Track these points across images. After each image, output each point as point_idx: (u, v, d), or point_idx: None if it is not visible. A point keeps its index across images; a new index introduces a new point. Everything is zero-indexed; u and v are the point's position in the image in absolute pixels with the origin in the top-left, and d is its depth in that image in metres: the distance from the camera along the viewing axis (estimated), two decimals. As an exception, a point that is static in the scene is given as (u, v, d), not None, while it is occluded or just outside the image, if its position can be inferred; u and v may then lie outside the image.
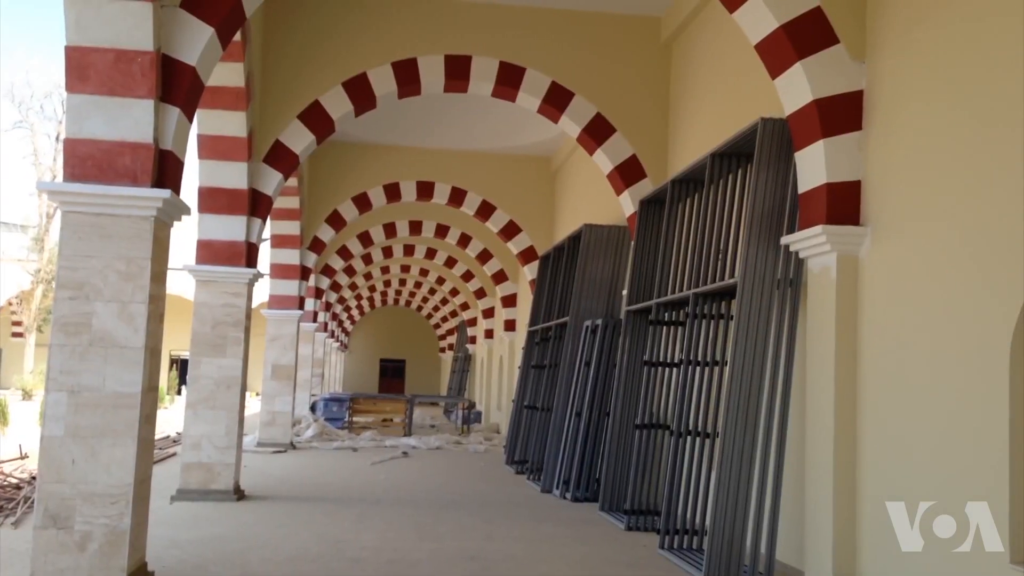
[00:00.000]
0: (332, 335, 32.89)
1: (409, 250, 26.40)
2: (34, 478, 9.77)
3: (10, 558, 6.80)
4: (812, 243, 6.36)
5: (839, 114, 6.29)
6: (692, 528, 7.58)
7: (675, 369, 8.69)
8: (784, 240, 6.77)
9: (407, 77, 10.71)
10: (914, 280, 5.59)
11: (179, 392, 33.12)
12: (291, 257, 16.49)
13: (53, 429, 5.64)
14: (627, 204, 10.91)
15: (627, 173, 10.87)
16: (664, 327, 9.23)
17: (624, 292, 10.73)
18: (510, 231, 17.92)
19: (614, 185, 11.13)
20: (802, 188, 6.56)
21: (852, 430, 6.04)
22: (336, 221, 17.48)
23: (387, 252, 26.51)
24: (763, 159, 7.09)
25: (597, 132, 10.92)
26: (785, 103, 6.65)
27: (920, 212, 5.58)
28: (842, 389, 6.09)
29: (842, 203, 6.23)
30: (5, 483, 9.78)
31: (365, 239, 22.04)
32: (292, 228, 16.28)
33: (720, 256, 7.87)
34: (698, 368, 7.83)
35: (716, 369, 7.65)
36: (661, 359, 9.22)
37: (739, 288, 6.95)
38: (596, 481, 10.68)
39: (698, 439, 7.61)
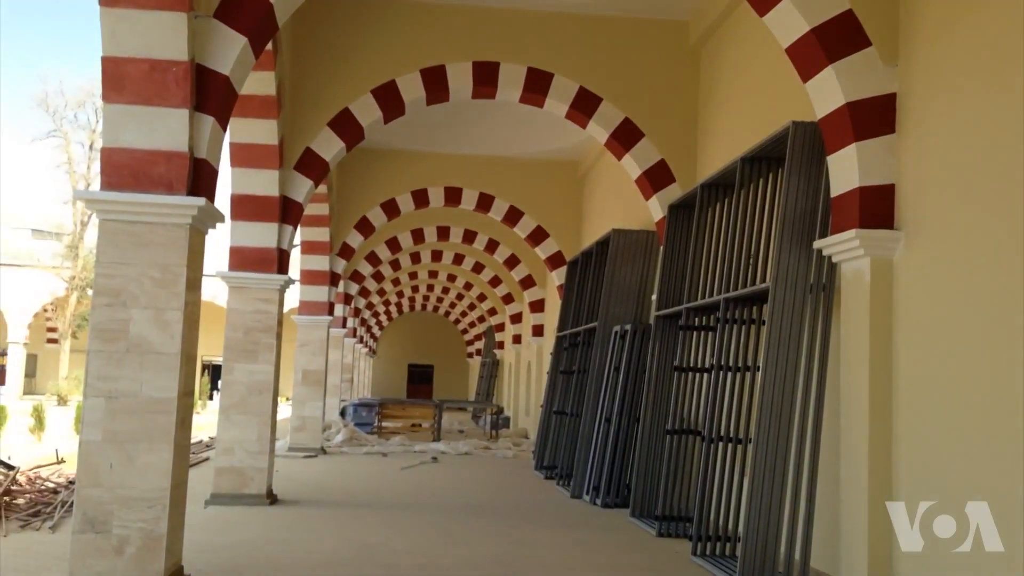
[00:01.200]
0: (361, 340, 33.05)
1: (437, 256, 26.48)
2: (71, 482, 9.91)
3: (48, 562, 6.90)
4: (845, 247, 6.31)
5: (872, 117, 6.23)
6: (725, 534, 7.54)
7: (706, 374, 8.65)
8: (817, 244, 6.73)
9: (435, 84, 10.76)
10: (949, 284, 5.54)
11: (211, 397, 33.40)
12: (321, 263, 16.61)
13: (91, 434, 5.71)
14: (655, 209, 10.88)
15: (655, 178, 10.84)
16: (694, 332, 9.19)
17: (653, 297, 10.70)
18: (537, 236, 17.93)
19: (642, 190, 11.11)
20: (835, 192, 6.51)
21: (887, 435, 5.98)
22: (365, 227, 17.59)
23: (415, 258, 26.61)
24: (795, 163, 7.05)
25: (625, 137, 10.91)
26: (816, 106, 6.61)
27: (955, 215, 5.52)
28: (876, 394, 6.03)
29: (875, 207, 6.18)
30: (43, 488, 9.92)
31: (393, 245, 22.15)
32: (322, 234, 16.40)
33: (751, 261, 7.83)
34: (729, 373, 7.79)
35: (748, 374, 7.61)
36: (691, 364, 9.18)
37: (771, 293, 6.91)
38: (626, 487, 10.65)
39: (730, 445, 7.57)
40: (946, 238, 5.61)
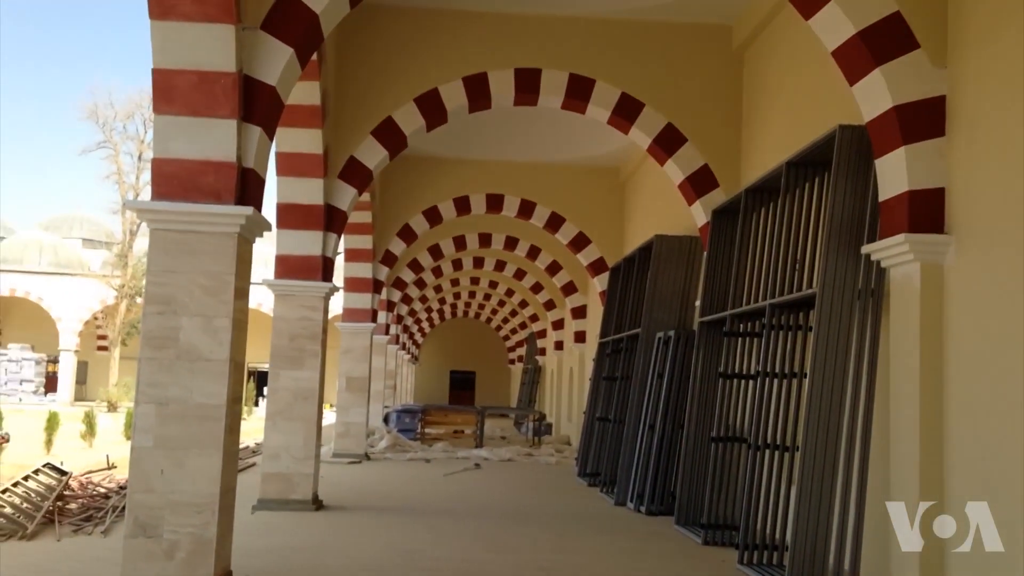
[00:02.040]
0: (403, 347, 33.23)
1: (478, 262, 26.54)
2: (121, 488, 10.10)
3: (100, 567, 7.01)
4: (894, 252, 6.22)
5: (920, 120, 6.14)
6: (772, 543, 7.44)
7: (751, 381, 8.56)
8: (865, 249, 6.64)
9: (478, 92, 10.81)
10: (1002, 289, 5.42)
11: (256, 404, 33.80)
12: (364, 271, 16.75)
13: (142, 440, 5.81)
14: (699, 214, 10.81)
15: (699, 183, 10.77)
16: (739, 338, 9.11)
17: (697, 303, 10.63)
18: (579, 243, 17.89)
19: (685, 195, 11.05)
20: (883, 196, 6.42)
21: (938, 443, 5.87)
22: (407, 235, 17.70)
23: (457, 265, 26.71)
24: (842, 167, 6.97)
25: (668, 142, 10.85)
26: (864, 110, 6.53)
27: (1008, 219, 5.41)
28: (927, 401, 5.93)
29: (925, 211, 6.08)
30: (94, 493, 10.11)
31: (435, 252, 22.25)
32: (365, 242, 16.55)
33: (798, 266, 7.74)
34: (775, 380, 7.70)
35: (794, 381, 7.52)
36: (737, 371, 9.09)
37: (818, 298, 6.83)
38: (671, 494, 10.56)
39: (777, 452, 7.48)
40: (998, 242, 5.50)
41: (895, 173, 6.24)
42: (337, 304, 16.35)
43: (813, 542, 6.60)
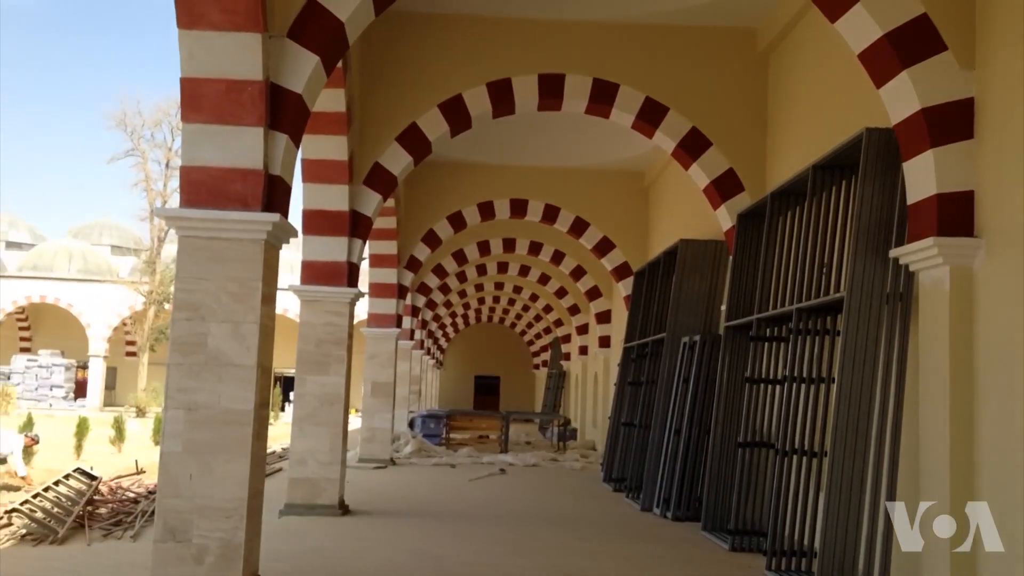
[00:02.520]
0: (428, 352, 33.32)
1: (503, 267, 26.58)
2: (151, 492, 10.19)
3: (130, 571, 7.09)
4: (923, 255, 6.16)
5: (948, 123, 6.08)
6: (800, 549, 7.38)
7: (778, 386, 8.50)
8: (893, 253, 6.58)
9: (501, 97, 10.83)
10: (1034, 293, 5.36)
11: (283, 409, 33.98)
12: (389, 276, 16.81)
13: (171, 445, 5.86)
14: (724, 218, 10.76)
15: (724, 187, 10.73)
16: (766, 343, 9.06)
17: (723, 307, 10.57)
18: (604, 247, 17.87)
19: (710, 199, 11.01)
20: (911, 199, 6.37)
21: (969, 448, 5.80)
22: (432, 240, 17.75)
23: (481, 270, 26.75)
24: (869, 170, 6.92)
25: (692, 146, 10.82)
26: (891, 112, 6.48)
27: (1040, 222, 5.35)
28: (957, 406, 5.86)
29: (954, 214, 6.02)
30: (124, 497, 10.21)
31: (460, 257, 22.30)
32: (389, 248, 16.62)
33: (825, 270, 7.69)
34: (803, 385, 7.65)
35: (822, 386, 7.46)
36: (763, 376, 9.04)
37: (846, 302, 6.78)
38: (697, 500, 10.51)
39: (804, 458, 7.42)
40: (1030, 245, 5.43)
41: (923, 176, 6.19)
42: (362, 309, 16.44)
43: (842, 548, 6.54)
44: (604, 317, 21.66)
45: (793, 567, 7.42)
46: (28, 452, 12.72)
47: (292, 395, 10.34)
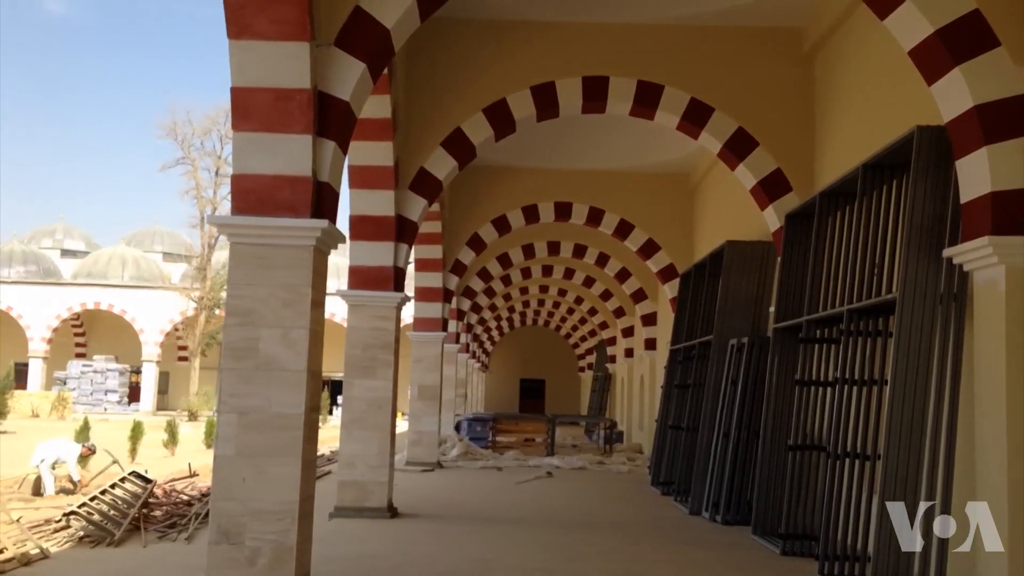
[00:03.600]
0: (473, 356, 33.42)
1: (547, 271, 26.57)
2: (203, 495, 10.36)
3: (185, 573, 7.20)
4: (977, 255, 6.04)
5: (1003, 120, 5.96)
6: (853, 554, 7.27)
7: (829, 388, 8.39)
8: (947, 252, 6.46)
9: (545, 101, 10.85)
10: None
11: (331, 412, 34.30)
12: (434, 280, 16.90)
13: (224, 449, 5.95)
14: (771, 219, 10.65)
15: (771, 187, 10.62)
16: (816, 345, 8.94)
17: (771, 309, 10.46)
18: (649, 249, 17.77)
19: (757, 200, 10.89)
20: (964, 198, 6.25)
21: (1028, 452, 5.67)
22: (476, 244, 17.81)
23: (526, 273, 26.77)
24: (920, 169, 6.81)
25: (739, 147, 10.73)
26: (943, 110, 6.36)
27: (1100, 219, 5.22)
28: (1014, 408, 5.73)
29: (1009, 212, 5.89)
30: (178, 500, 10.39)
31: (504, 261, 22.34)
32: (435, 252, 16.70)
33: (876, 271, 7.58)
34: (855, 387, 7.54)
35: (875, 388, 7.35)
36: (814, 378, 8.93)
37: (899, 303, 6.67)
38: (747, 503, 10.41)
39: (857, 461, 7.31)
40: (1090, 243, 5.30)
41: (977, 174, 6.07)
42: (408, 314, 16.56)
43: (896, 553, 6.43)
44: (650, 319, 21.55)
45: (846, 572, 7.31)
46: (84, 460, 12.99)
47: (340, 399, 10.43)
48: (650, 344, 21.47)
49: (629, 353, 25.33)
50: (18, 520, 8.70)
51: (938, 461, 6.34)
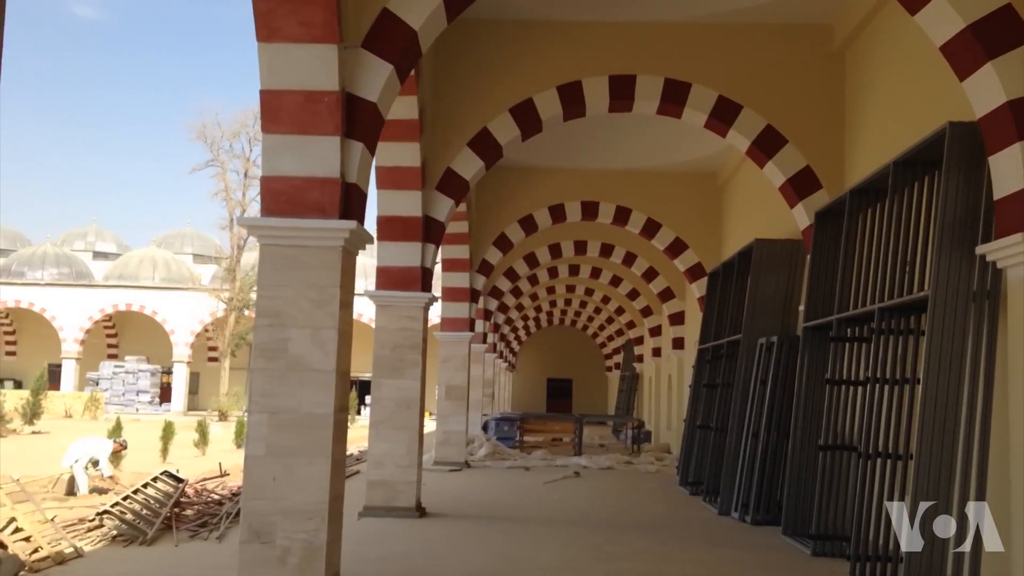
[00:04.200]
0: (500, 355, 33.43)
1: (574, 270, 26.51)
2: (234, 494, 10.45)
3: (217, 572, 7.27)
4: (1011, 252, 5.95)
5: (1037, 114, 5.87)
6: (885, 555, 7.20)
7: (860, 387, 8.32)
8: (980, 249, 6.38)
9: (572, 100, 10.82)
10: None
11: (359, 412, 34.46)
12: (461, 280, 16.93)
13: (255, 448, 6.00)
14: (801, 217, 10.56)
15: (800, 185, 10.53)
16: (846, 343, 8.86)
17: (800, 308, 10.38)
18: (676, 248, 17.67)
19: (786, 198, 10.81)
20: (998, 194, 6.16)
21: (1065, 452, 5.59)
22: (503, 244, 17.80)
23: (553, 272, 26.73)
24: (952, 165, 6.73)
25: (767, 144, 10.65)
26: (975, 105, 6.28)
27: None
28: (1051, 408, 5.65)
29: (1044, 208, 5.80)
30: (209, 499, 10.49)
31: (531, 260, 22.32)
32: (462, 252, 16.73)
33: (908, 268, 7.50)
34: (886, 386, 7.46)
35: (906, 387, 7.27)
36: (844, 377, 8.85)
37: (931, 301, 6.59)
38: (777, 504, 10.33)
39: (889, 461, 7.24)
40: None
41: (1011, 170, 5.98)
42: (435, 314, 16.59)
43: (929, 554, 6.35)
44: (677, 319, 21.45)
45: (878, 573, 7.23)
46: (117, 457, 13.16)
47: (368, 399, 10.49)
48: (678, 343, 21.38)
49: (657, 352, 25.21)
50: (52, 519, 8.82)
51: (971, 461, 6.26)
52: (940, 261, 6.66)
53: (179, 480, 10.34)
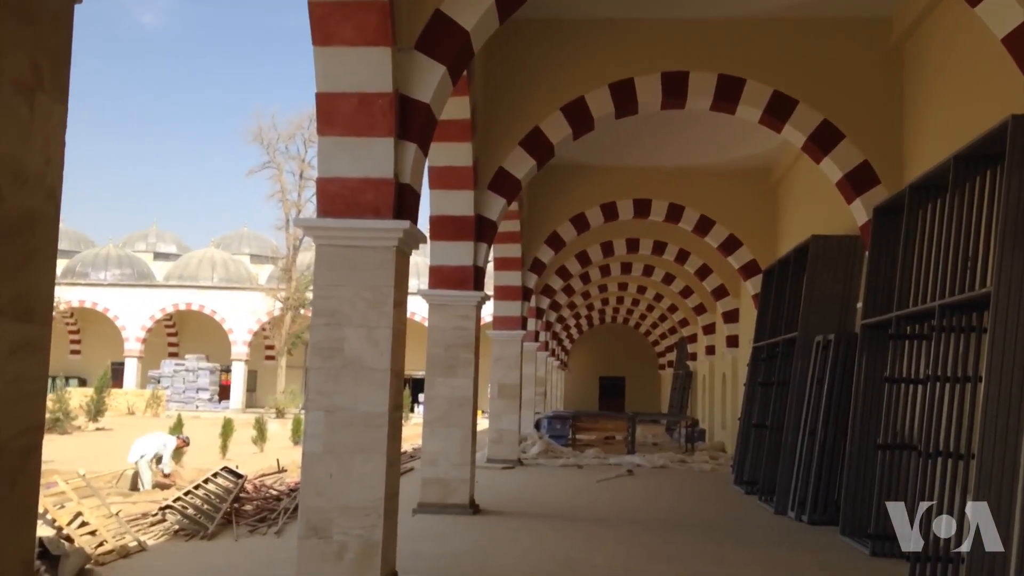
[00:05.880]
0: (552, 354, 33.41)
1: (626, 268, 26.39)
2: (292, 490, 10.62)
3: (276, 567, 7.40)
4: (1078, 248, 5.80)
5: (1105, 105, 5.71)
6: (946, 555, 7.06)
7: (920, 386, 8.16)
8: (1044, 245, 6.22)
9: (624, 98, 10.79)
10: None
11: (412, 410, 34.73)
12: (513, 279, 16.97)
13: (312, 446, 6.11)
14: (859, 213, 10.39)
15: (858, 181, 10.36)
16: (906, 341, 8.70)
17: (859, 305, 10.21)
18: (730, 245, 17.50)
19: (843, 194, 10.65)
20: (1063, 188, 6.01)
21: None
22: (555, 242, 17.79)
23: (604, 271, 26.62)
24: (1015, 159, 6.55)
25: (824, 140, 10.50)
26: (1040, 97, 6.13)
27: None
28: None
29: (1113, 202, 5.64)
30: (267, 495, 10.67)
31: (583, 259, 22.27)
32: (514, 251, 16.76)
33: (970, 265, 7.33)
34: (947, 384, 7.31)
35: (968, 385, 7.11)
36: (904, 375, 8.68)
37: (994, 298, 6.44)
38: (834, 503, 10.18)
39: (950, 460, 7.09)
40: None
41: (1077, 163, 5.83)
42: (488, 312, 16.66)
43: (992, 556, 6.21)
44: (731, 316, 21.23)
45: (939, 573, 7.09)
46: (179, 453, 13.47)
47: (421, 397, 10.59)
48: (732, 341, 21.16)
49: (710, 350, 24.99)
50: (117, 514, 9.05)
51: (1037, 462, 6.10)
52: (1003, 257, 6.50)
53: (238, 476, 10.54)
